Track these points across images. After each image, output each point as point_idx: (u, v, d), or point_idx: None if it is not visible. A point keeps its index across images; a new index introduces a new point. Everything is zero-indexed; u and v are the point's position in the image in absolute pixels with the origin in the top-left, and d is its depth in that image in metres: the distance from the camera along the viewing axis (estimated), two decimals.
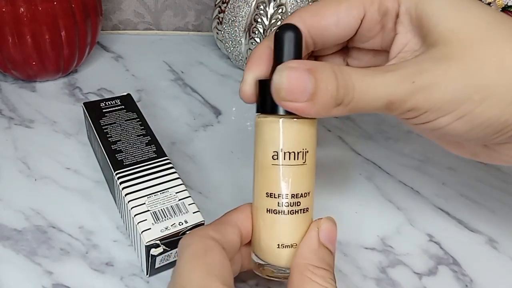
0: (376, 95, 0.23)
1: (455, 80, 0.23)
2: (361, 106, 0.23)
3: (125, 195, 0.31)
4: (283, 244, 0.26)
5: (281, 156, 0.25)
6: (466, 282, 0.33)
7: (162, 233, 0.29)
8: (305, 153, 0.25)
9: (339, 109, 0.23)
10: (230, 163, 0.40)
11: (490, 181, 0.42)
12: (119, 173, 0.32)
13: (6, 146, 0.39)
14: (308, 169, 0.26)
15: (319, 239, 0.25)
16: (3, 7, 0.39)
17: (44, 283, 0.30)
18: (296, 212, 0.26)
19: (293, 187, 0.25)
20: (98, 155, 0.37)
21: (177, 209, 0.30)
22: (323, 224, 0.26)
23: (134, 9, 0.56)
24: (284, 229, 0.26)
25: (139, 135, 0.35)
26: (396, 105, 0.23)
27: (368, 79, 0.23)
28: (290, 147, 0.25)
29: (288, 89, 0.23)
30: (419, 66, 0.23)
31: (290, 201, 0.25)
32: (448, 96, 0.23)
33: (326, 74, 0.23)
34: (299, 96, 0.23)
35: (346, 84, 0.23)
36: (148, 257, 0.29)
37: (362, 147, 0.44)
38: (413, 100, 0.23)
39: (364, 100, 0.23)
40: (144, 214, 0.30)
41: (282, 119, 0.25)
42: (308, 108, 0.23)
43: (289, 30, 0.25)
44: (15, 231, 0.33)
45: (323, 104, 0.23)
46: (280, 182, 0.25)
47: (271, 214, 0.26)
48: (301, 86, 0.22)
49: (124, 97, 0.39)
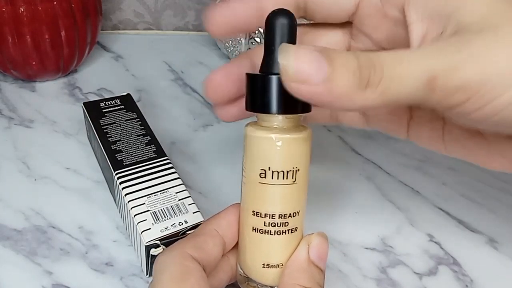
0: (413, 69, 0.18)
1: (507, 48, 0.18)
2: (395, 88, 0.19)
3: (125, 195, 0.31)
4: (269, 264, 0.24)
5: (269, 175, 0.23)
6: (466, 282, 0.33)
7: (162, 233, 0.29)
8: (295, 172, 0.23)
9: (366, 94, 0.18)
10: (230, 163, 0.40)
11: (490, 181, 0.41)
12: (119, 173, 0.32)
13: (6, 146, 0.39)
14: (298, 189, 0.24)
15: (309, 256, 0.23)
16: (3, 7, 0.39)
17: (44, 283, 0.30)
18: (284, 232, 0.24)
19: (281, 208, 0.24)
20: (98, 155, 0.37)
21: (177, 209, 0.30)
22: (314, 240, 0.24)
23: (134, 9, 0.56)
24: (270, 249, 0.24)
25: (139, 135, 0.35)
26: (441, 81, 0.18)
27: (400, 54, 0.19)
28: (279, 166, 0.23)
29: (298, 66, 0.18)
30: (460, 38, 0.19)
31: (277, 222, 0.24)
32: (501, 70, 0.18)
33: (343, 55, 0.18)
34: (314, 74, 0.18)
35: (371, 61, 0.18)
36: (148, 257, 0.29)
37: (362, 147, 0.44)
38: (462, 72, 0.18)
39: (398, 79, 0.18)
40: (144, 214, 0.30)
41: (273, 135, 0.23)
42: (326, 92, 0.18)
43: (282, 16, 0.22)
44: (15, 231, 0.33)
45: (344, 85, 0.18)
46: (267, 202, 0.23)
47: (257, 233, 0.24)
48: (314, 62, 0.18)
49: (124, 97, 0.39)
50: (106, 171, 0.35)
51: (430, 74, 0.18)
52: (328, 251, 0.24)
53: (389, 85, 0.18)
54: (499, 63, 0.18)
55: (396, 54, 0.19)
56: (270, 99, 0.22)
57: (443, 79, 0.18)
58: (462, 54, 0.18)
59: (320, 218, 0.36)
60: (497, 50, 0.18)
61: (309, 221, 0.36)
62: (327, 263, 0.33)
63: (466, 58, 0.18)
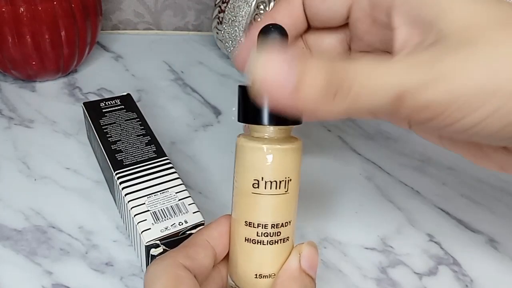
0: (382, 84, 0.18)
1: (479, 70, 0.18)
2: (363, 100, 0.19)
3: (125, 195, 0.31)
4: (261, 275, 0.24)
5: (262, 185, 0.23)
6: (467, 282, 0.33)
7: (162, 233, 0.29)
8: (287, 182, 0.23)
9: (334, 104, 0.19)
10: (230, 163, 0.40)
11: (490, 181, 0.42)
12: (119, 173, 0.32)
13: (6, 146, 0.39)
14: (290, 198, 0.24)
15: (301, 266, 0.24)
16: (3, 7, 0.39)
17: (44, 283, 0.30)
18: (276, 242, 0.24)
19: (274, 217, 0.24)
20: (98, 155, 0.37)
21: (177, 209, 0.30)
22: (304, 249, 0.24)
23: (134, 9, 0.56)
24: (263, 259, 0.24)
25: (139, 135, 0.35)
26: (409, 98, 0.18)
27: (371, 65, 0.19)
28: (272, 176, 0.23)
29: (265, 79, 0.18)
30: (436, 52, 0.19)
31: (270, 231, 0.24)
32: (471, 88, 0.18)
33: (314, 60, 0.18)
34: (280, 87, 0.18)
35: (341, 70, 0.18)
36: (148, 257, 0.29)
37: (362, 147, 0.44)
38: (430, 91, 0.18)
39: (366, 91, 0.18)
40: (144, 214, 0.30)
41: (265, 146, 0.23)
42: (293, 103, 0.18)
43: (275, 31, 0.22)
44: (15, 231, 0.33)
45: (311, 96, 0.18)
46: (260, 212, 0.24)
47: (249, 243, 0.24)
48: (282, 73, 0.18)
49: (124, 97, 0.39)
50: (106, 171, 0.35)
51: (399, 90, 0.18)
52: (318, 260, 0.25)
53: (357, 97, 0.18)
54: (469, 83, 0.18)
55: (370, 65, 0.19)
56: (261, 111, 0.22)
57: (410, 97, 0.18)
58: (433, 71, 0.18)
59: (320, 218, 0.36)
60: (469, 69, 0.18)
61: (309, 221, 0.36)
62: (327, 263, 0.33)
63: (436, 77, 0.18)
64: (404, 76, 0.18)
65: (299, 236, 0.35)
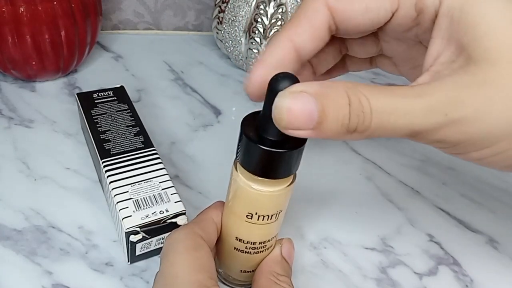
0: (398, 124, 0.20)
1: (496, 115, 0.20)
2: (379, 134, 0.21)
3: (109, 183, 0.31)
4: (246, 270, 0.29)
5: (255, 217, 0.25)
6: (467, 282, 0.33)
7: (142, 220, 0.29)
8: (278, 213, 0.26)
9: (353, 136, 0.21)
10: (230, 163, 0.40)
11: (490, 181, 0.42)
12: (106, 161, 0.32)
13: (5, 146, 0.39)
14: (279, 221, 0.27)
15: (281, 253, 0.28)
16: (3, 7, 0.39)
17: (43, 283, 0.30)
18: (262, 252, 0.28)
19: (262, 238, 0.27)
20: (89, 145, 0.38)
21: (159, 198, 0.31)
22: (284, 243, 0.29)
23: (134, 9, 0.56)
24: (249, 262, 0.28)
25: (128, 126, 0.35)
26: (422, 136, 0.21)
27: (390, 104, 0.20)
28: (265, 212, 0.25)
29: (289, 120, 0.20)
30: (455, 94, 0.20)
31: (258, 246, 0.27)
32: (485, 132, 0.20)
33: (336, 100, 0.20)
34: (303, 125, 0.20)
35: (361, 110, 0.20)
36: (128, 244, 0.29)
37: (362, 147, 0.44)
38: (442, 132, 0.20)
39: (383, 129, 0.20)
40: (126, 202, 0.30)
41: (261, 189, 0.24)
42: (315, 135, 0.20)
43: (286, 80, 0.21)
44: (14, 231, 0.33)
45: (331, 132, 0.20)
46: (251, 234, 0.26)
47: (237, 251, 0.27)
48: (305, 115, 0.20)
49: (117, 89, 0.39)
50: (95, 161, 0.36)
51: (414, 129, 0.20)
52: (294, 253, 0.29)
53: (373, 132, 0.20)
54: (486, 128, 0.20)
55: (386, 103, 0.20)
56: (259, 165, 0.23)
57: (424, 135, 0.21)
58: (448, 117, 0.20)
59: (320, 218, 0.36)
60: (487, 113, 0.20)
61: (309, 221, 0.36)
62: (326, 263, 0.33)
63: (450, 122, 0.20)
64: (420, 120, 0.20)
65: (299, 236, 0.35)
